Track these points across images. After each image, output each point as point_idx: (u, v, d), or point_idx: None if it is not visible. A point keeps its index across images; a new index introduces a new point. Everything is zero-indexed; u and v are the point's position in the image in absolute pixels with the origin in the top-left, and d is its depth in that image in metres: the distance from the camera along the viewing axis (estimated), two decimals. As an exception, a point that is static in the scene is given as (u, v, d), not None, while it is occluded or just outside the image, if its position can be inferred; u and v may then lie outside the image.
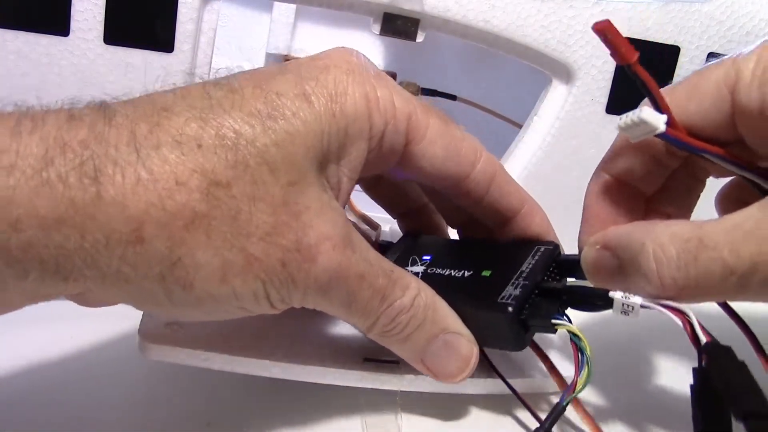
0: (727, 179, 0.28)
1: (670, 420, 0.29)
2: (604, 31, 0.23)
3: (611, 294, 0.24)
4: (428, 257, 0.29)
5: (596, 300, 0.25)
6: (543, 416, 0.26)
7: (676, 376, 0.33)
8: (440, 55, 0.55)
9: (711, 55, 0.41)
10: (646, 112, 0.24)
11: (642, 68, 0.24)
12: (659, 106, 0.24)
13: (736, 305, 0.25)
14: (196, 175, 0.21)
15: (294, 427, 0.26)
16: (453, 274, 0.28)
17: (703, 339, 0.22)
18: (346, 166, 0.24)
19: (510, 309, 0.25)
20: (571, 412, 0.27)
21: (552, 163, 0.41)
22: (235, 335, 0.28)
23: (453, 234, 0.33)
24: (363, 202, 0.36)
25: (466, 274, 0.27)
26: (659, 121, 0.24)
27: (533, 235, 0.28)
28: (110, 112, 0.21)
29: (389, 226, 0.36)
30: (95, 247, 0.20)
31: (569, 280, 0.27)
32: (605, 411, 0.29)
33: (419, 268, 0.29)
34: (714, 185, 0.28)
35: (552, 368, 0.27)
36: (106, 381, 0.28)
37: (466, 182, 0.27)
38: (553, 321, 0.25)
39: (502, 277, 0.26)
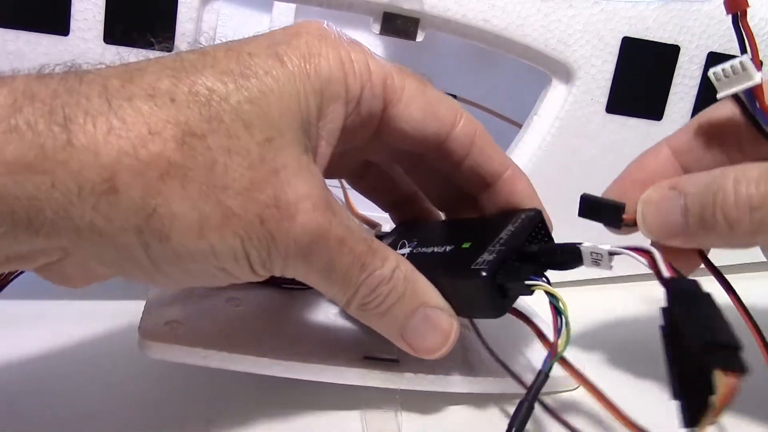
0: None
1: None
2: None
3: (580, 245, 0.24)
4: (416, 239, 0.29)
5: (569, 256, 0.25)
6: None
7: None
8: (440, 55, 0.55)
9: (711, 55, 0.41)
10: (746, 59, 0.24)
11: (746, 21, 0.24)
12: (755, 63, 0.24)
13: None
14: (170, 125, 0.21)
15: (294, 425, 0.26)
16: (436, 250, 0.28)
17: (666, 274, 0.22)
18: (324, 129, 0.24)
19: (483, 273, 0.24)
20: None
21: (552, 163, 0.41)
22: (236, 333, 0.28)
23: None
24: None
25: (448, 248, 0.27)
26: (757, 73, 0.24)
27: (517, 202, 0.28)
28: (82, 71, 0.21)
29: (389, 226, 0.36)
30: (67, 197, 0.20)
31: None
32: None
33: (405, 250, 0.29)
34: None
35: (537, 331, 0.27)
36: (105, 380, 0.28)
37: (447, 143, 0.27)
38: (527, 282, 0.25)
39: (481, 246, 0.26)
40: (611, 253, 0.23)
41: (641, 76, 0.41)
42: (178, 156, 0.21)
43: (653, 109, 0.41)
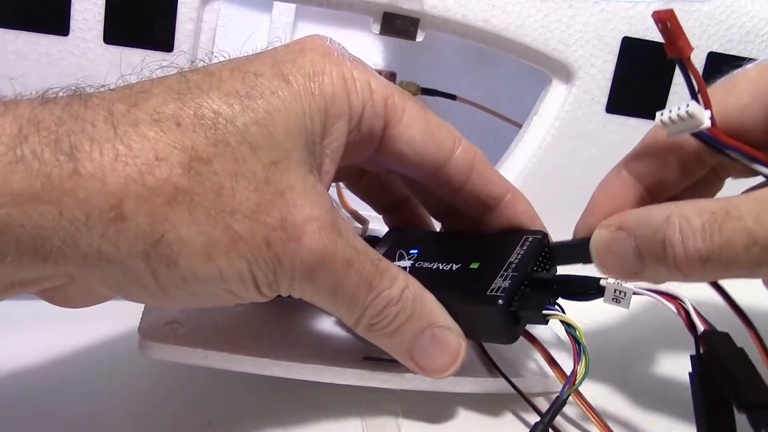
0: (754, 181, 0.28)
1: (671, 408, 0.29)
2: (666, 20, 0.23)
3: (602, 281, 0.24)
4: (415, 251, 0.29)
5: (587, 288, 0.25)
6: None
7: (675, 364, 0.33)
8: (440, 55, 0.55)
9: (711, 55, 0.41)
10: (693, 106, 0.24)
11: (692, 64, 0.24)
12: (704, 103, 0.24)
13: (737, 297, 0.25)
14: (177, 151, 0.21)
15: (294, 426, 0.26)
16: (441, 267, 0.28)
17: (700, 326, 0.22)
18: (329, 147, 0.24)
19: (500, 302, 0.24)
20: (569, 409, 0.27)
21: (552, 163, 0.41)
22: (235, 334, 0.28)
23: (439, 226, 0.32)
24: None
25: (454, 267, 0.27)
26: (705, 117, 0.24)
27: (519, 224, 0.28)
28: (86, 95, 0.21)
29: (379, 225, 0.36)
30: (74, 225, 0.20)
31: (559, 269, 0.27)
32: (606, 403, 0.29)
33: (407, 263, 0.29)
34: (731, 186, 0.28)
35: (551, 360, 0.27)
36: (105, 381, 0.28)
37: (446, 168, 0.27)
38: (544, 312, 0.25)
39: (491, 269, 0.26)
40: (635, 294, 0.23)
41: (641, 76, 0.41)
42: (184, 181, 0.21)
43: (653, 109, 0.41)
